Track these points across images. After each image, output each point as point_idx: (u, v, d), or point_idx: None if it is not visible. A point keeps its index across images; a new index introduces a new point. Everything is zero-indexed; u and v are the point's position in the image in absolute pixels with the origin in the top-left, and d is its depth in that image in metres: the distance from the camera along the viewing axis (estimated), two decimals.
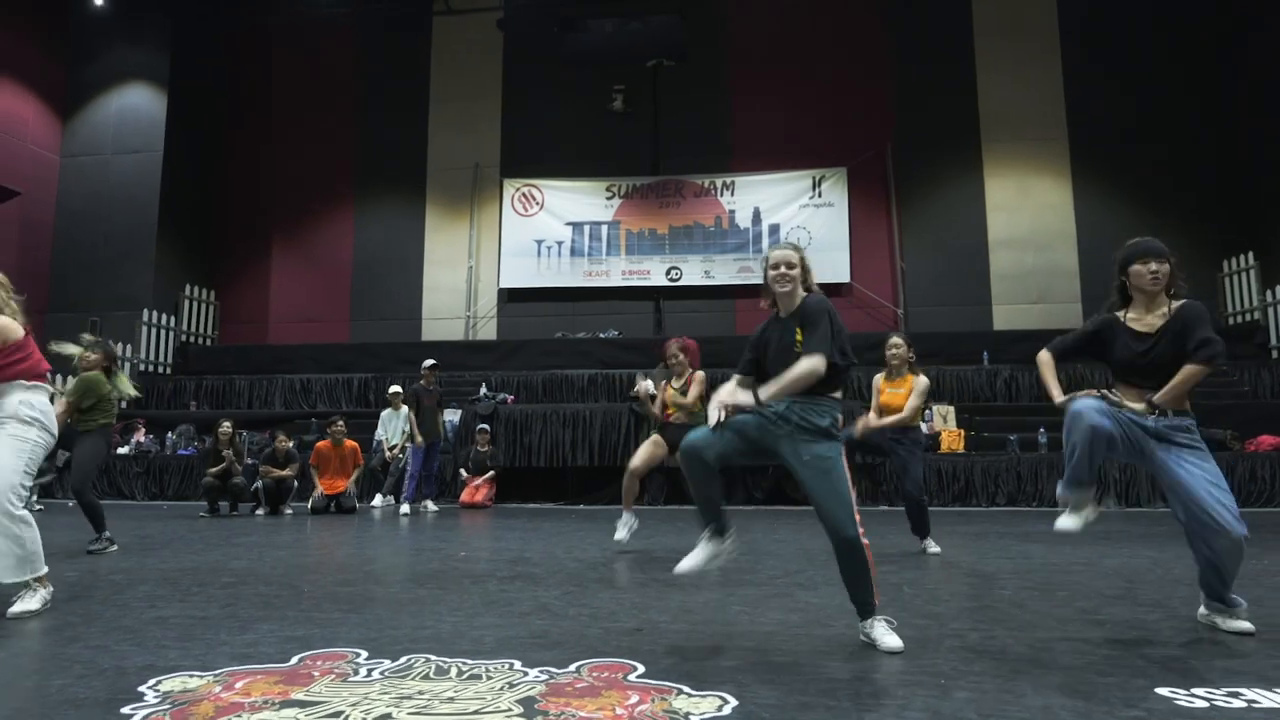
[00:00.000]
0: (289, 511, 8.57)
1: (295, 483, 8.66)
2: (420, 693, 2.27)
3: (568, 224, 14.12)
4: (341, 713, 2.10)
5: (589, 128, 14.06)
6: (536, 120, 14.29)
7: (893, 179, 13.57)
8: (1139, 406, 2.94)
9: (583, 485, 10.19)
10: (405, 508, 8.43)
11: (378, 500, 9.35)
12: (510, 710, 2.12)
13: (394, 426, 9.90)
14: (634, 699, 2.22)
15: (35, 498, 8.10)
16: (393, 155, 14.56)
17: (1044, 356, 3.26)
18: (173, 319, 13.62)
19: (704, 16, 13.97)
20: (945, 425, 10.02)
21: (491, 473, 9.44)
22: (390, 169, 14.55)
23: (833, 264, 13.52)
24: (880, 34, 13.83)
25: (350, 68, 14.79)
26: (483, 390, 10.98)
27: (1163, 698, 2.20)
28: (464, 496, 9.32)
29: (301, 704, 2.17)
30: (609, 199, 14.18)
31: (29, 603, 3.23)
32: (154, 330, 13.26)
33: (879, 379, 5.52)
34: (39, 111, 13.11)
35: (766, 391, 2.83)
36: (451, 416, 10.35)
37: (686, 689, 2.29)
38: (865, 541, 2.73)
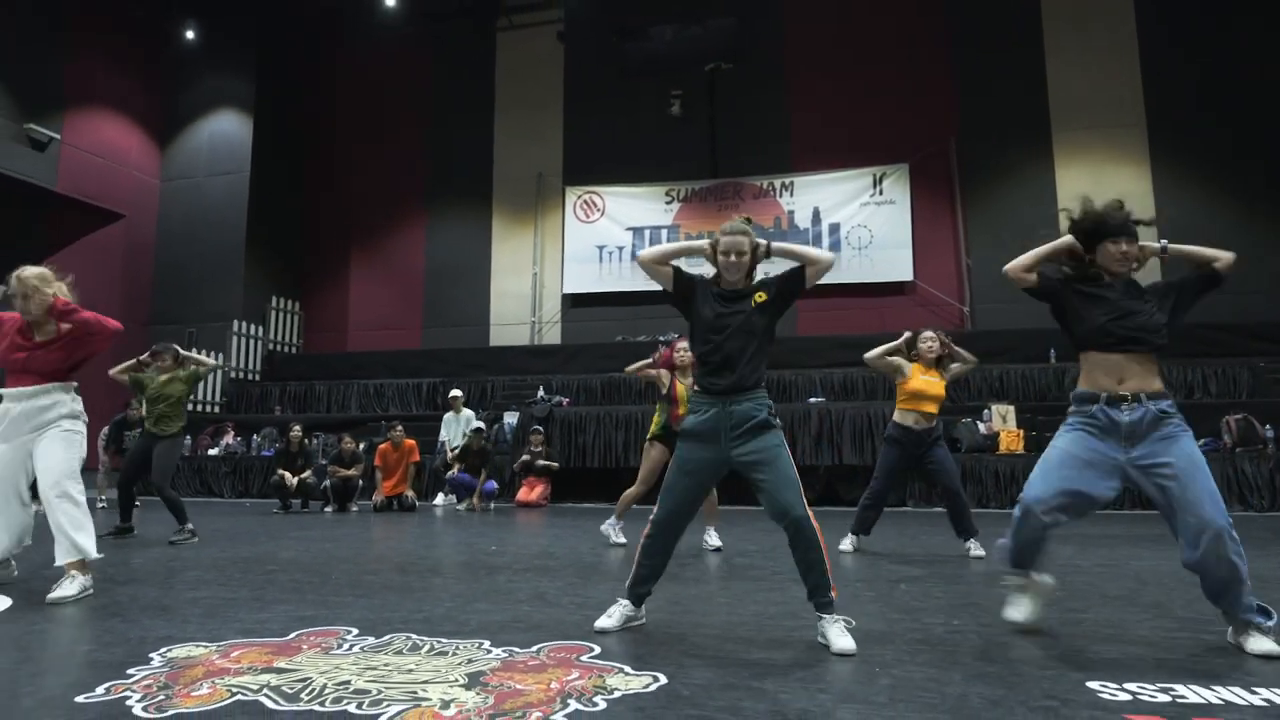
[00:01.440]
0: (355, 509, 9.09)
1: (360, 482, 9.17)
2: (385, 665, 2.50)
3: (628, 229, 14.37)
4: (309, 679, 2.35)
5: (648, 133, 14.28)
6: (596, 128, 14.61)
7: (957, 174, 13.24)
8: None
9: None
10: (463, 504, 8.93)
11: (439, 499, 9.81)
12: (455, 681, 2.33)
13: (455, 429, 10.36)
14: (574, 675, 2.39)
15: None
16: (461, 167, 15.16)
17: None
18: (260, 329, 14.56)
19: (760, 17, 13.99)
20: (1005, 425, 9.74)
21: (552, 467, 9.74)
22: (459, 181, 15.15)
23: (895, 263, 13.31)
24: (941, 27, 13.54)
25: (419, 86, 15.49)
26: (540, 393, 11.32)
27: (1089, 690, 2.22)
28: (520, 496, 9.66)
29: (279, 671, 2.43)
30: (668, 203, 14.36)
31: (67, 589, 3.55)
32: (243, 340, 14.22)
33: (909, 366, 5.28)
34: (140, 140, 14.27)
35: (783, 247, 3.09)
36: (510, 419, 10.72)
37: (627, 669, 2.45)
38: (816, 524, 2.81)
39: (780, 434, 2.94)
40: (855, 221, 13.57)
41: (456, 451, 9.87)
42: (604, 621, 3.00)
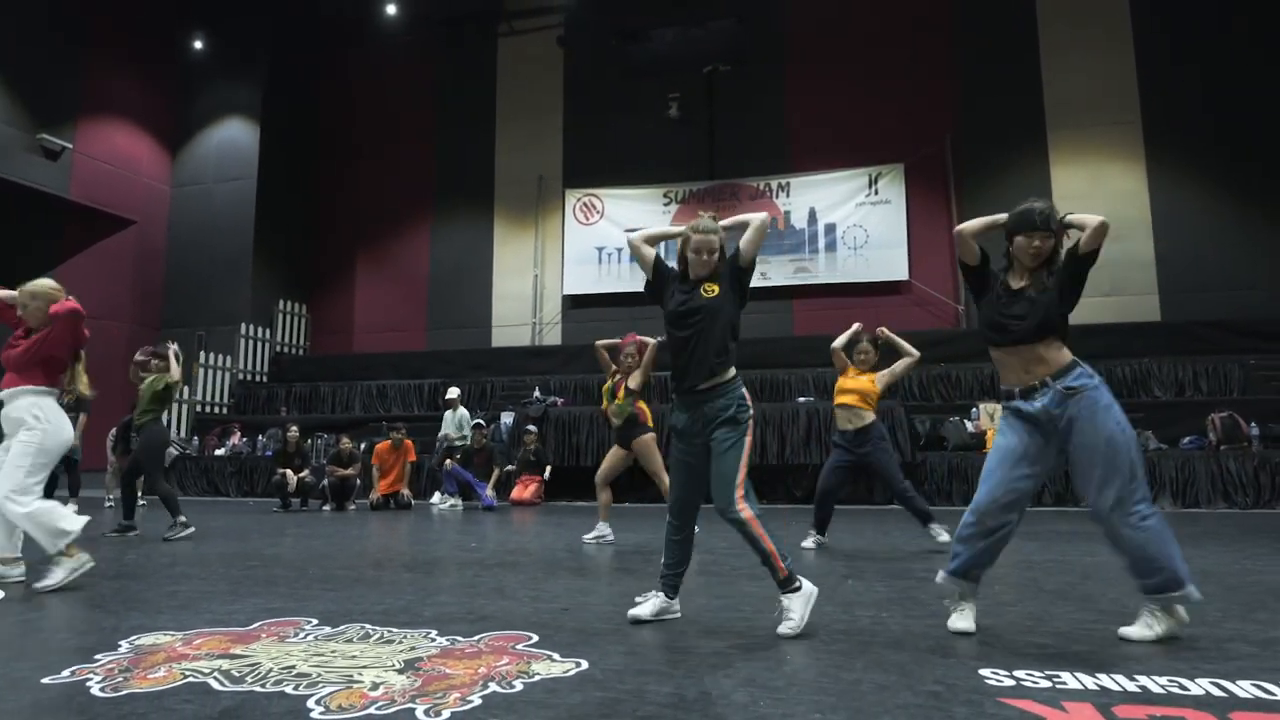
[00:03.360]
0: (353, 507, 9.34)
1: (358, 481, 9.41)
2: (332, 652, 2.69)
3: (627, 230, 14.53)
4: (258, 664, 2.54)
5: (646, 135, 14.44)
6: (596, 131, 14.80)
7: (952, 173, 13.31)
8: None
9: (630, 484, 10.54)
10: (457, 503, 9.18)
11: (437, 498, 10.03)
12: (391, 666, 2.51)
13: (454, 426, 10.58)
14: (504, 662, 2.57)
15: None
16: (464, 171, 15.40)
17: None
18: (268, 331, 14.87)
19: (758, 19, 14.11)
20: (993, 423, 9.82)
21: (547, 469, 9.94)
22: (462, 184, 15.40)
23: (891, 262, 13.40)
24: (937, 27, 13.61)
25: (423, 92, 15.75)
26: (536, 393, 11.52)
27: (978, 677, 2.36)
28: (514, 494, 9.86)
29: (233, 657, 2.63)
30: (666, 204, 14.53)
31: (52, 577, 3.83)
32: (251, 342, 14.54)
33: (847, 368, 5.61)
34: (151, 148, 14.62)
35: (731, 220, 3.27)
36: (505, 418, 10.93)
37: (555, 655, 2.62)
38: (748, 514, 2.97)
39: (743, 427, 3.06)
40: (851, 221, 13.67)
41: (459, 448, 10.10)
42: (637, 610, 3.11)
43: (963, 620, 2.94)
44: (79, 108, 13.20)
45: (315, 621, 3.14)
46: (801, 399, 10.53)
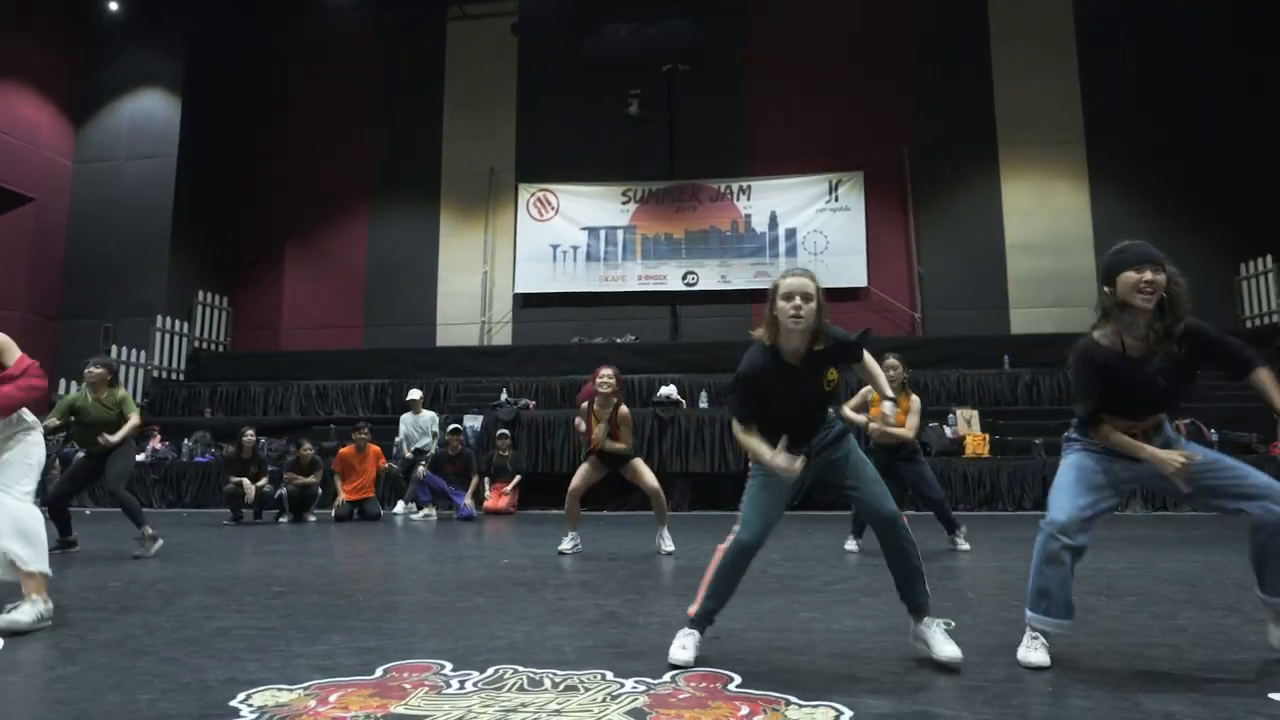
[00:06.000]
0: (312, 519, 8.50)
1: (319, 490, 8.59)
2: (523, 705, 2.20)
3: (583, 228, 14.09)
4: None
5: (605, 132, 14.02)
6: (552, 125, 14.27)
7: (910, 183, 13.54)
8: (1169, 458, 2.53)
9: (606, 491, 10.10)
10: (431, 512, 8.51)
11: (399, 507, 9.30)
12: None
13: (415, 433, 9.85)
14: (744, 710, 2.16)
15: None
16: (408, 161, 14.53)
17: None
18: (185, 325, 13.56)
19: (721, 20, 13.96)
20: (970, 429, 9.96)
21: (517, 478, 9.38)
22: (405, 174, 14.53)
23: (850, 268, 13.50)
24: (899, 39, 13.82)
25: (365, 74, 14.79)
26: (504, 396, 10.91)
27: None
28: (487, 503, 9.25)
29: (408, 718, 2.10)
30: (625, 203, 14.16)
31: (22, 615, 3.10)
32: (167, 336, 13.20)
33: (872, 394, 5.46)
34: (52, 117, 13.09)
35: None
36: (472, 422, 10.28)
37: (794, 699, 2.23)
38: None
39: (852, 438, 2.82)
40: (811, 227, 13.70)
41: (425, 453, 9.43)
42: (683, 655, 2.62)
43: (1037, 654, 2.56)
44: None
45: (449, 665, 2.61)
46: None
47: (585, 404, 5.68)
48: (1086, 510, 2.62)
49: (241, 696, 2.29)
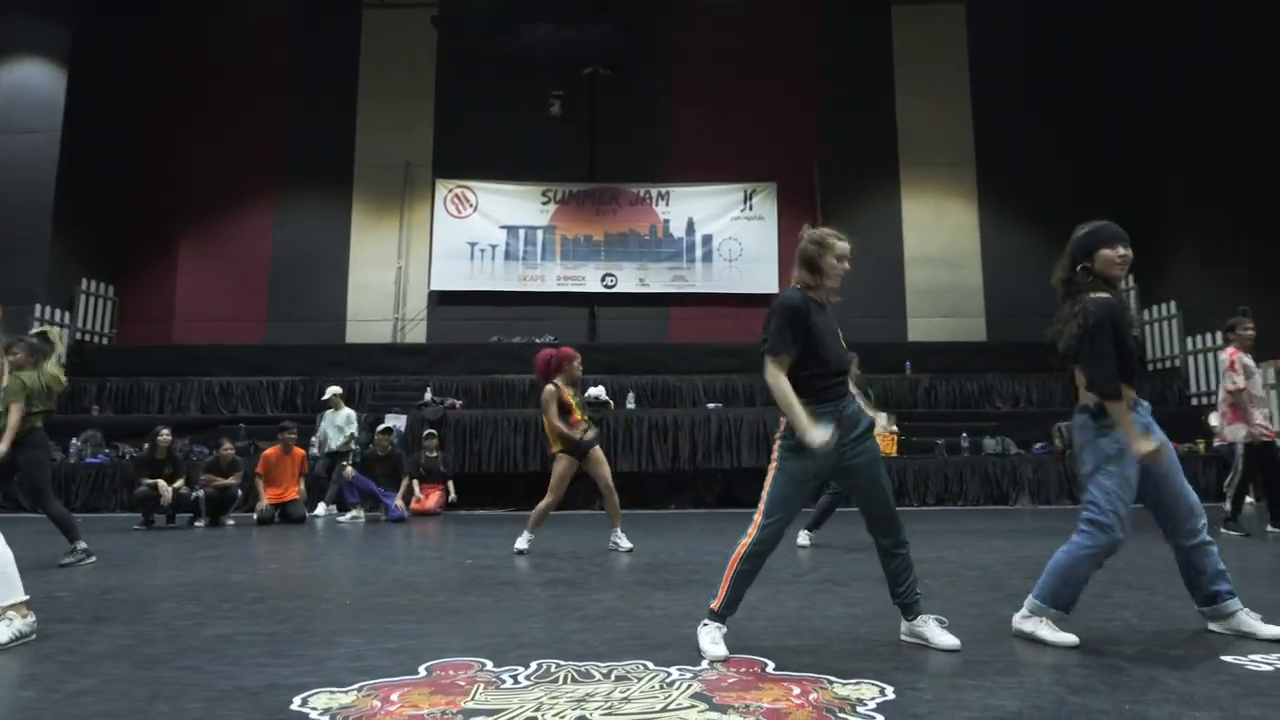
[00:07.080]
0: (231, 522, 8.11)
1: (239, 492, 8.20)
2: (589, 695, 2.31)
3: (502, 227, 13.98)
4: (533, 719, 2.12)
5: (526, 131, 13.93)
6: (471, 121, 14.07)
7: (819, 196, 14.18)
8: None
9: (532, 492, 10.11)
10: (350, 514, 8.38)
11: (320, 509, 8.99)
12: (695, 705, 2.20)
13: (334, 431, 9.54)
14: (796, 690, 2.34)
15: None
16: (318, 150, 13.96)
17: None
18: (67, 315, 12.55)
19: (643, 28, 14.15)
20: (890, 429, 10.56)
21: (450, 482, 9.28)
22: (315, 165, 13.95)
23: (762, 275, 13.97)
24: (813, 55, 14.41)
25: (274, 57, 14.10)
26: (429, 395, 10.71)
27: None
28: (415, 504, 9.08)
29: (486, 712, 2.17)
30: (544, 203, 14.15)
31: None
32: (47, 327, 12.15)
33: None
34: None
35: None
36: (396, 421, 10.06)
37: (834, 679, 2.43)
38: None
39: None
40: (727, 234, 14.12)
41: (345, 452, 9.17)
42: (717, 650, 2.74)
43: (1062, 636, 2.87)
44: None
45: (490, 662, 2.67)
46: (711, 405, 10.69)
47: (551, 386, 5.48)
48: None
49: (298, 701, 2.28)
